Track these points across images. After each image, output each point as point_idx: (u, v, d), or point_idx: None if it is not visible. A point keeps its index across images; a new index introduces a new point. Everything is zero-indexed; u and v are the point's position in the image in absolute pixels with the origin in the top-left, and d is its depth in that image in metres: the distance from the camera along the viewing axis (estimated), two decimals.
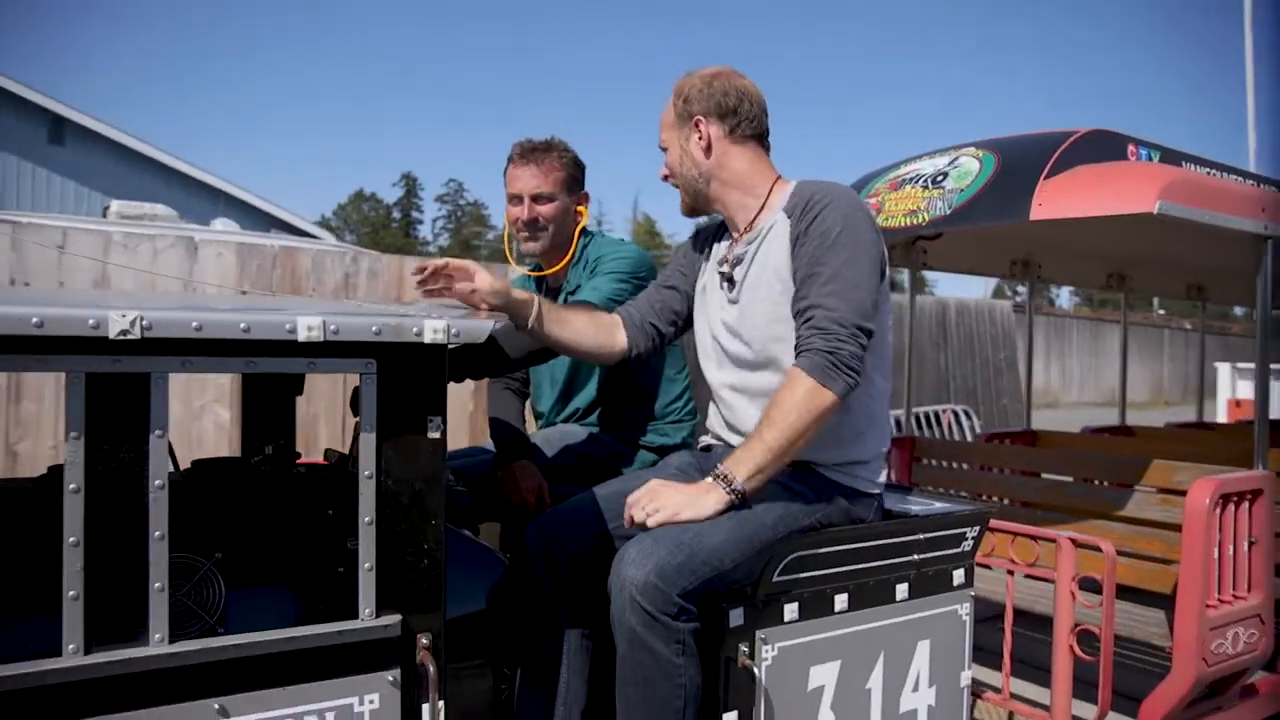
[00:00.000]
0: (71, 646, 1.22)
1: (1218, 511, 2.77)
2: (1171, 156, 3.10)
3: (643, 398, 2.51)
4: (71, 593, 1.21)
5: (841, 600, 1.96)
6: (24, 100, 13.75)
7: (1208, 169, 3.24)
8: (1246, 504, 2.88)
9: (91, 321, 1.17)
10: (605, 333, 2.07)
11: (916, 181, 2.99)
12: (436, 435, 1.46)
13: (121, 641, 1.25)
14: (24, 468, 4.56)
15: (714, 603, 1.80)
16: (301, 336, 1.31)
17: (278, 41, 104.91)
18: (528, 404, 2.68)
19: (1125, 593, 3.52)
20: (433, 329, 1.41)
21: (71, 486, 1.21)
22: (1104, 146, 2.87)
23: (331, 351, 1.37)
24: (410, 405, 1.44)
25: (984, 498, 4.16)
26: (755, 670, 1.82)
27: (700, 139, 1.99)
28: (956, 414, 9.03)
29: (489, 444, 2.52)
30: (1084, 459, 3.94)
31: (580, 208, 2.52)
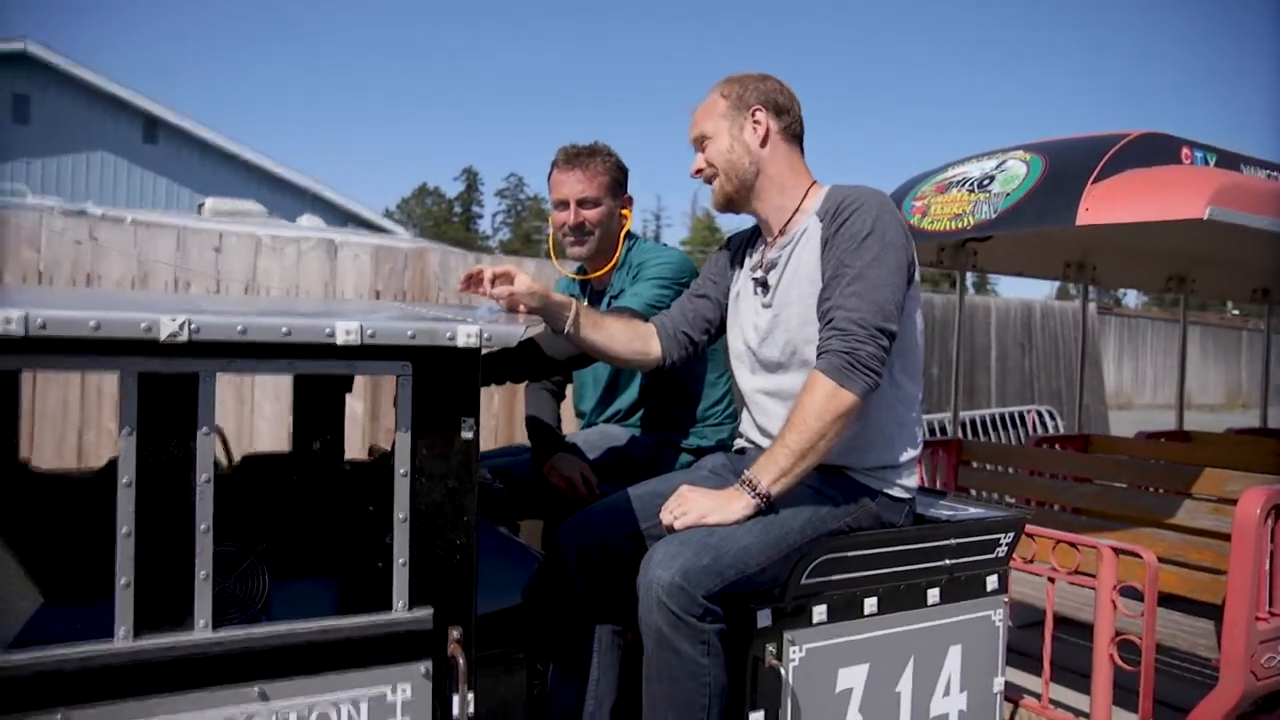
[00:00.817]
0: (122, 631, 1.29)
1: (1269, 523, 2.70)
2: (1229, 159, 3.03)
3: (684, 401, 2.53)
4: (123, 580, 1.29)
5: (871, 604, 1.97)
6: (120, 100, 14.34)
7: (1269, 171, 3.15)
8: None
9: (144, 325, 1.24)
10: (641, 341, 2.10)
11: (963, 185, 2.96)
12: (469, 435, 1.51)
13: (168, 627, 1.32)
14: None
15: (742, 604, 1.82)
16: (340, 340, 1.37)
17: (339, 35, 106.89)
18: (568, 404, 2.72)
19: (1174, 602, 3.45)
20: (466, 334, 1.46)
21: (124, 480, 1.29)
22: (1156, 150, 2.82)
23: (370, 355, 1.43)
24: (444, 406, 1.50)
25: (1032, 503, 4.11)
26: (782, 671, 1.84)
27: (757, 128, 2.00)
28: (1041, 414, 9.06)
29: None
30: (1133, 465, 3.86)
31: (625, 211, 2.56)
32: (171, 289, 5.31)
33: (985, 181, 2.87)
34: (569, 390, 2.76)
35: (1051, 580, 2.74)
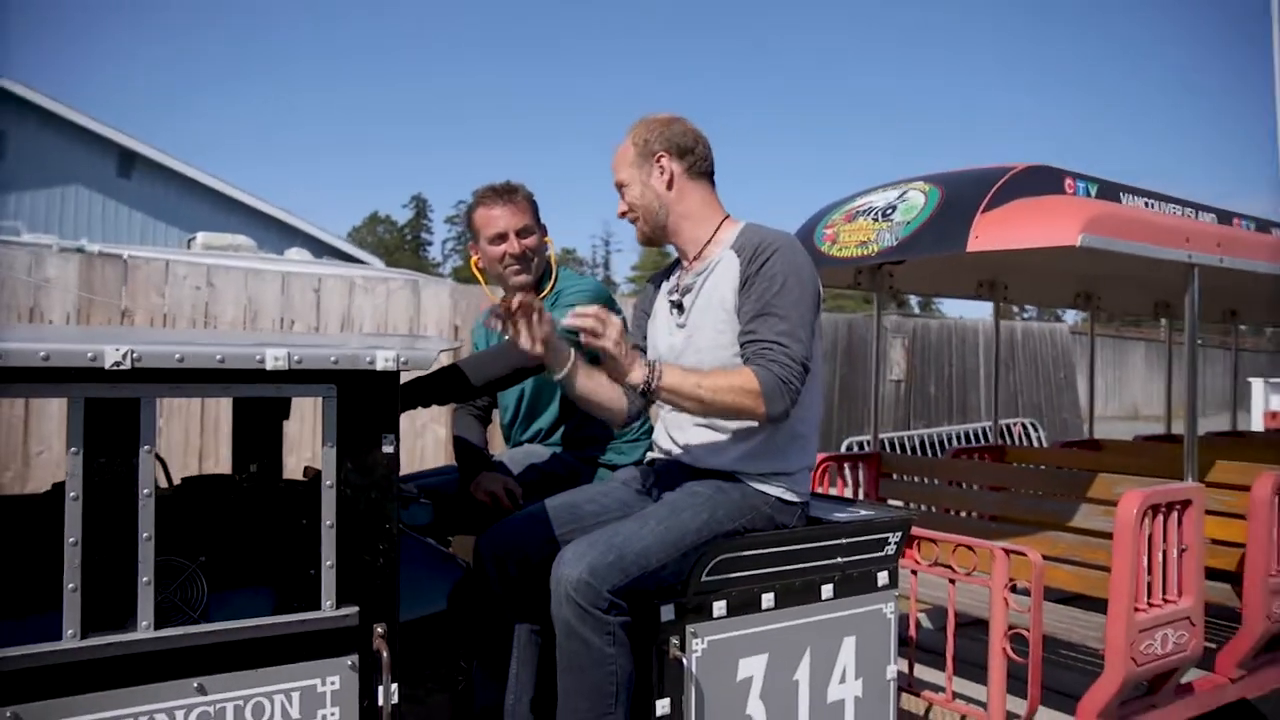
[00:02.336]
0: (70, 631, 1.43)
1: (1146, 521, 2.95)
2: (1109, 189, 3.29)
3: (600, 421, 2.71)
4: (71, 585, 1.43)
5: (768, 599, 2.16)
6: (93, 134, 14.31)
7: (1146, 200, 3.43)
8: (1176, 514, 3.06)
9: (90, 354, 1.40)
10: (619, 395, 2.20)
11: (868, 214, 3.19)
12: (390, 450, 1.68)
13: (113, 628, 1.47)
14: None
15: (647, 599, 2.00)
16: (270, 365, 1.53)
17: (288, 59, 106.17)
18: (495, 428, 2.89)
19: (1073, 600, 3.70)
20: (384, 358, 1.63)
21: (72, 495, 1.44)
22: (1042, 181, 3.07)
23: (297, 379, 1.59)
24: (366, 424, 1.66)
25: (951, 511, 4.35)
26: (685, 661, 2.03)
27: (663, 173, 2.22)
28: (1026, 426, 10.15)
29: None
30: (1037, 474, 4.13)
31: (547, 239, 2.75)
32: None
33: (888, 211, 3.11)
34: (495, 415, 2.93)
35: (952, 581, 2.96)
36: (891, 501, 4.31)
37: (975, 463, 4.42)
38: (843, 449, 8.78)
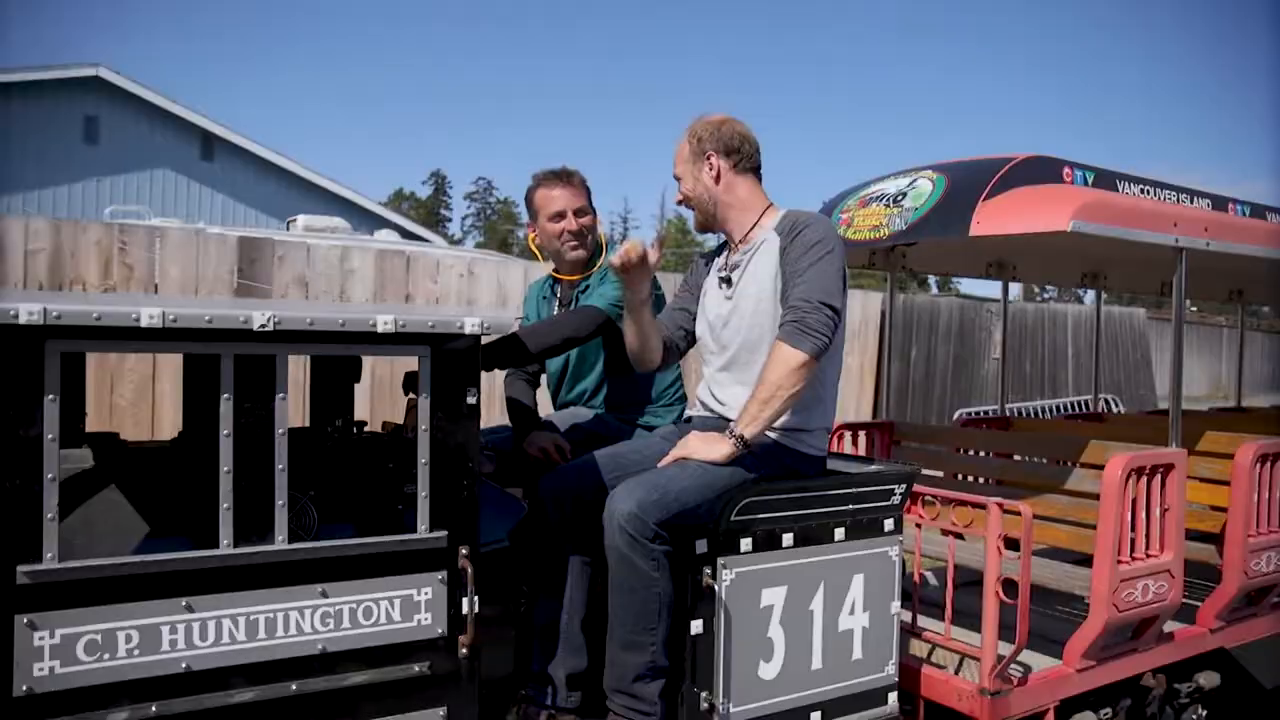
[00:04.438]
0: (225, 542, 1.78)
1: (1131, 483, 3.25)
2: (1106, 178, 3.56)
3: (639, 385, 3.03)
4: (225, 505, 1.77)
5: (788, 538, 2.49)
6: (179, 118, 14.95)
7: (1143, 187, 3.70)
8: (1160, 477, 3.36)
9: (242, 318, 1.73)
10: (658, 343, 2.60)
11: (881, 200, 3.49)
12: (473, 401, 2.01)
13: (257, 539, 1.81)
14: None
15: (685, 534, 2.33)
16: (380, 329, 1.86)
17: (305, 38, 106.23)
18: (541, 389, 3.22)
19: (1066, 555, 4.01)
20: (471, 323, 1.95)
21: (225, 432, 1.77)
22: (1041, 170, 3.34)
23: (401, 340, 1.92)
24: (454, 379, 1.99)
25: (958, 476, 4.66)
26: (716, 589, 2.36)
27: (711, 170, 2.55)
28: (1107, 401, 10.90)
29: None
30: (1038, 440, 4.42)
31: (598, 220, 3.06)
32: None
33: (899, 197, 3.40)
34: (543, 380, 3.26)
35: (956, 535, 3.27)
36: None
37: (980, 431, 4.71)
38: (956, 418, 9.40)
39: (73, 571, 1.66)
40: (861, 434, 4.50)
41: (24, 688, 1.63)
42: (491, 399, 6.63)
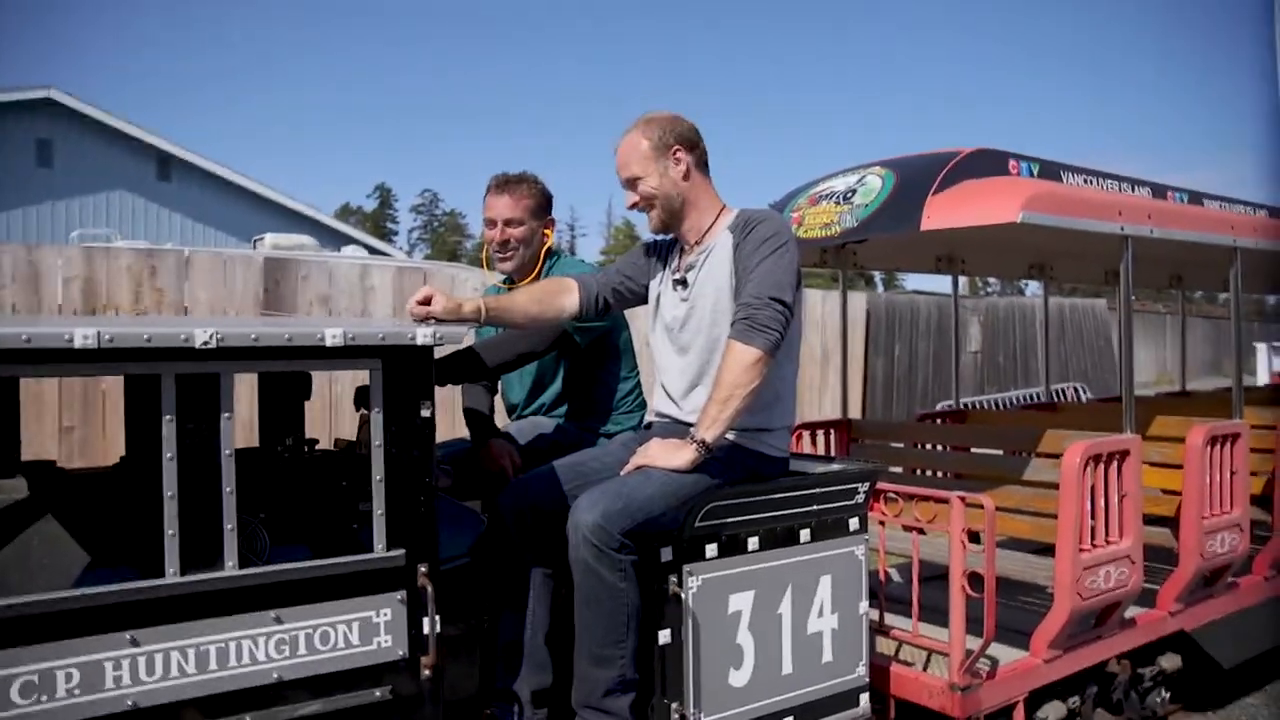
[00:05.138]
0: (171, 570, 1.69)
1: (1089, 470, 3.28)
2: (1051, 169, 3.61)
3: (599, 394, 2.99)
4: (170, 531, 1.69)
5: (753, 542, 2.46)
6: (133, 138, 14.75)
7: (1086, 177, 3.76)
8: (1116, 464, 3.40)
9: (184, 336, 1.65)
10: (552, 304, 2.53)
11: (830, 197, 3.49)
12: (427, 414, 1.95)
13: (205, 566, 1.73)
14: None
15: (650, 542, 2.29)
16: (329, 343, 1.79)
17: (259, 51, 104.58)
18: (498, 398, 3.16)
19: (1028, 546, 4.05)
20: (423, 335, 1.90)
21: (168, 455, 1.69)
22: (988, 163, 3.38)
23: (351, 354, 1.85)
24: (408, 393, 1.93)
25: (917, 471, 4.68)
26: (683, 596, 2.32)
27: (679, 164, 2.48)
28: (1077, 389, 11.76)
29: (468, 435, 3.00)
30: (995, 433, 4.46)
31: (546, 231, 3.01)
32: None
33: (848, 194, 3.41)
34: (500, 387, 3.20)
35: (918, 531, 3.27)
36: None
37: (935, 425, 4.75)
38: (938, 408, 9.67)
39: (5, 609, 1.56)
40: (820, 433, 4.50)
41: None
42: (446, 412, 6.57)
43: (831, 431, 4.59)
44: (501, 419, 3.15)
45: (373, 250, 15.47)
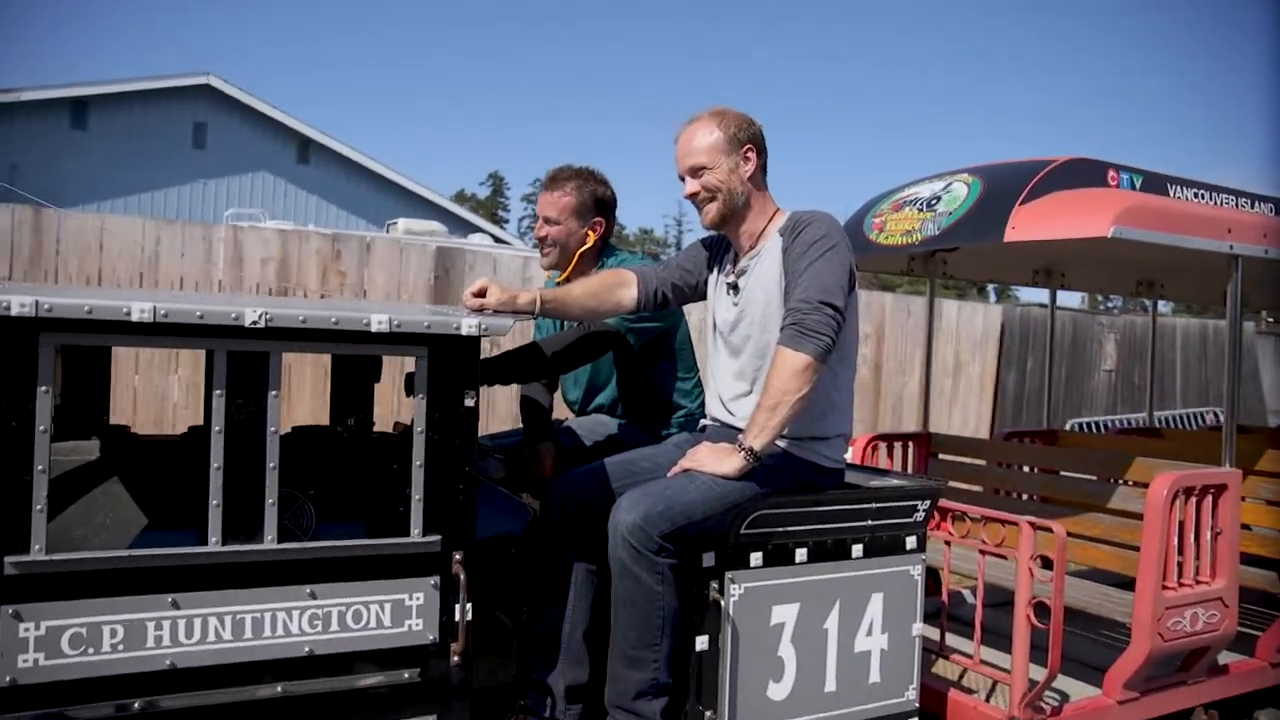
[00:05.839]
0: (214, 539, 1.76)
1: (1177, 504, 3.08)
2: (1156, 182, 3.39)
3: (656, 394, 2.97)
4: (214, 502, 1.76)
5: (801, 553, 2.40)
6: (278, 123, 15.78)
7: (1196, 191, 3.52)
8: (1211, 498, 3.18)
9: (234, 315, 1.71)
10: (610, 297, 2.53)
11: (914, 204, 3.37)
12: (470, 404, 1.97)
13: (245, 538, 1.79)
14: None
15: (692, 547, 2.26)
16: (374, 328, 1.83)
17: (367, 37, 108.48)
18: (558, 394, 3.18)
19: (1112, 578, 3.83)
20: (468, 325, 1.91)
21: (216, 429, 1.76)
22: (1083, 173, 3.20)
23: (397, 340, 1.89)
24: (452, 381, 1.95)
25: (1000, 493, 4.49)
26: (723, 603, 2.28)
27: (748, 163, 2.43)
28: (1216, 413, 11.41)
29: None
30: (1073, 456, 4.24)
31: (590, 232, 2.96)
32: None
33: (933, 201, 3.28)
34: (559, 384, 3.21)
35: (982, 554, 3.13)
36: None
37: (1018, 445, 4.55)
38: (1068, 427, 9.44)
39: (59, 564, 1.65)
40: (896, 445, 4.36)
41: (7, 678, 1.63)
42: (491, 403, 6.64)
43: (910, 444, 4.45)
44: (562, 410, 3.16)
45: (497, 240, 15.88)
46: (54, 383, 1.65)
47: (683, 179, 2.48)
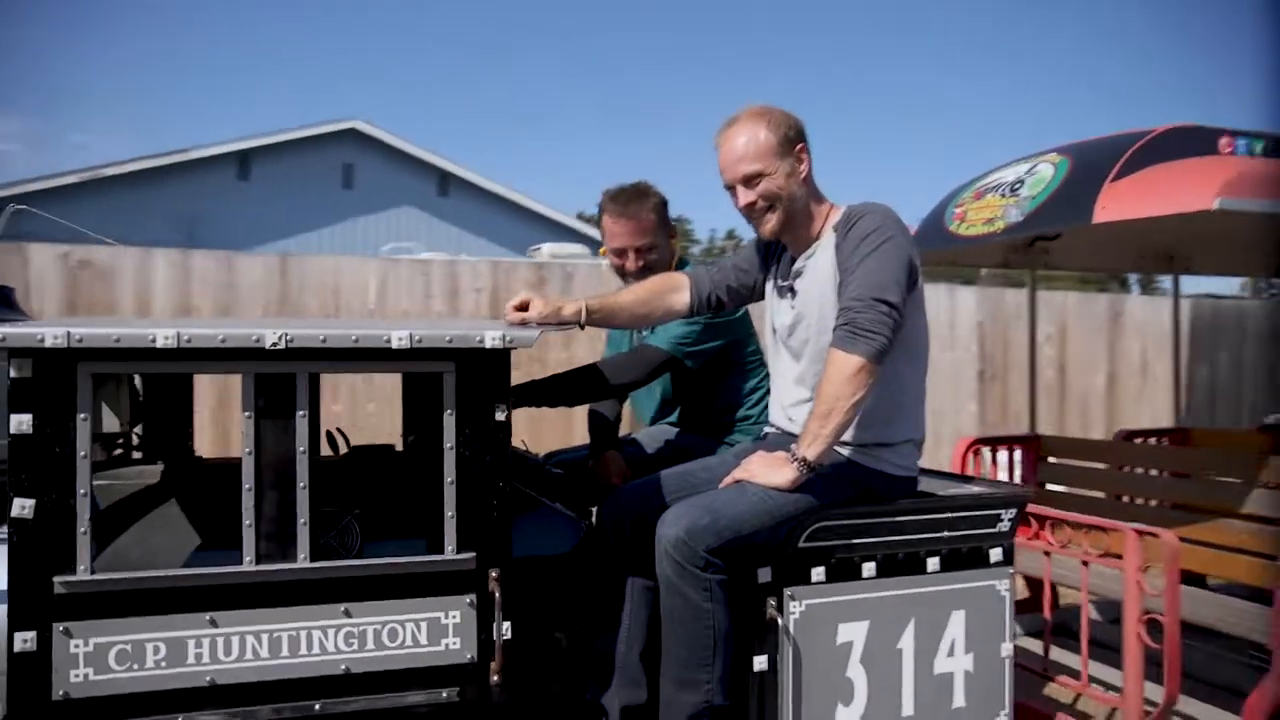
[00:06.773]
0: (248, 559, 1.78)
1: None
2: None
3: (722, 407, 2.87)
4: (248, 522, 1.78)
5: (869, 568, 2.24)
6: (418, 159, 16.76)
7: None
8: None
9: (255, 337, 1.74)
10: (660, 303, 2.44)
11: (997, 190, 3.16)
12: (502, 418, 1.93)
13: (279, 557, 1.81)
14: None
15: (746, 562, 2.15)
16: (395, 345, 1.82)
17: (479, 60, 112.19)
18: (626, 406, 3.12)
19: (1244, 590, 3.45)
20: (492, 337, 1.88)
21: (247, 450, 1.78)
22: (1187, 142, 2.92)
23: (421, 356, 1.87)
24: (481, 395, 1.92)
25: (1120, 498, 4.14)
26: (782, 621, 2.15)
27: (802, 164, 2.28)
28: None
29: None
30: (1199, 456, 3.86)
31: (673, 241, 2.90)
32: None
33: (1016, 185, 3.06)
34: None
35: (1085, 564, 2.87)
36: (1051, 487, 4.16)
37: (1144, 446, 4.18)
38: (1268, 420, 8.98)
39: (103, 583, 1.71)
40: (1002, 449, 4.09)
41: (61, 693, 1.69)
42: (519, 418, 6.68)
43: (1017, 448, 4.17)
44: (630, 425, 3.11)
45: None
46: (91, 409, 1.71)
47: (731, 189, 2.30)
